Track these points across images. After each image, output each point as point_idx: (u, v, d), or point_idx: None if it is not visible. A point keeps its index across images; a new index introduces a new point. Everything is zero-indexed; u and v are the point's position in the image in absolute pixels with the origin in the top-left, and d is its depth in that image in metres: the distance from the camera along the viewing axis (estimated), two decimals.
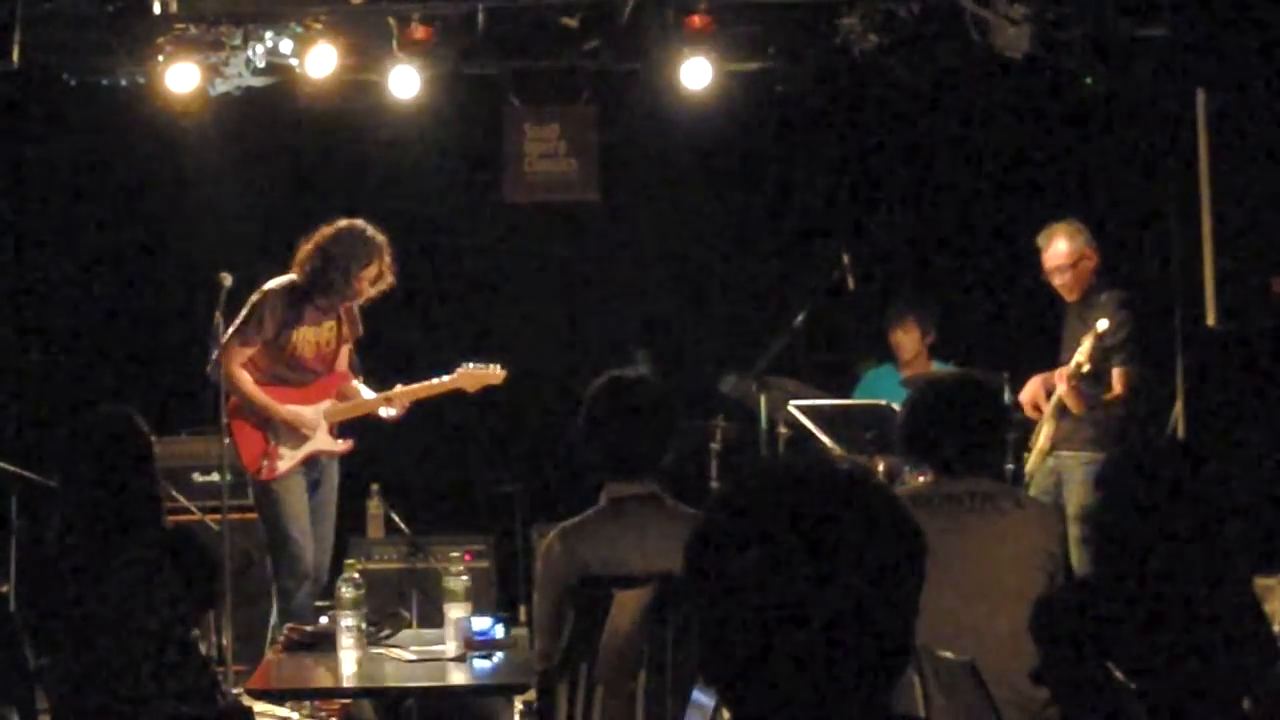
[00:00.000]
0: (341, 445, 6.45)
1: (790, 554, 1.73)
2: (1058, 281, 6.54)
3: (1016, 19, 6.75)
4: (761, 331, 7.71)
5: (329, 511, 6.45)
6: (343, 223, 6.27)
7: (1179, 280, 6.63)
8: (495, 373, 6.52)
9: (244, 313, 6.22)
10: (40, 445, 7.05)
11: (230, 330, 6.21)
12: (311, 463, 6.38)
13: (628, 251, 8.56)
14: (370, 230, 6.28)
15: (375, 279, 6.32)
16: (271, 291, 6.25)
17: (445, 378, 6.48)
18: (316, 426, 6.36)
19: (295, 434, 6.31)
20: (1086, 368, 6.22)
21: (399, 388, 6.45)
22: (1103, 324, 6.20)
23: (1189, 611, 3.27)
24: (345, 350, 6.51)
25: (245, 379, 6.25)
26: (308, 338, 6.33)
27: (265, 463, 6.27)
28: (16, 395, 8.06)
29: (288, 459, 6.30)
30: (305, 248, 6.26)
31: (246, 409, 6.30)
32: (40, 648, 4.28)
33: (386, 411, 6.45)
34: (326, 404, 6.41)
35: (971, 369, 6.83)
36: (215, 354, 6.24)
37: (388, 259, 6.32)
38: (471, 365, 6.51)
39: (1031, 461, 6.49)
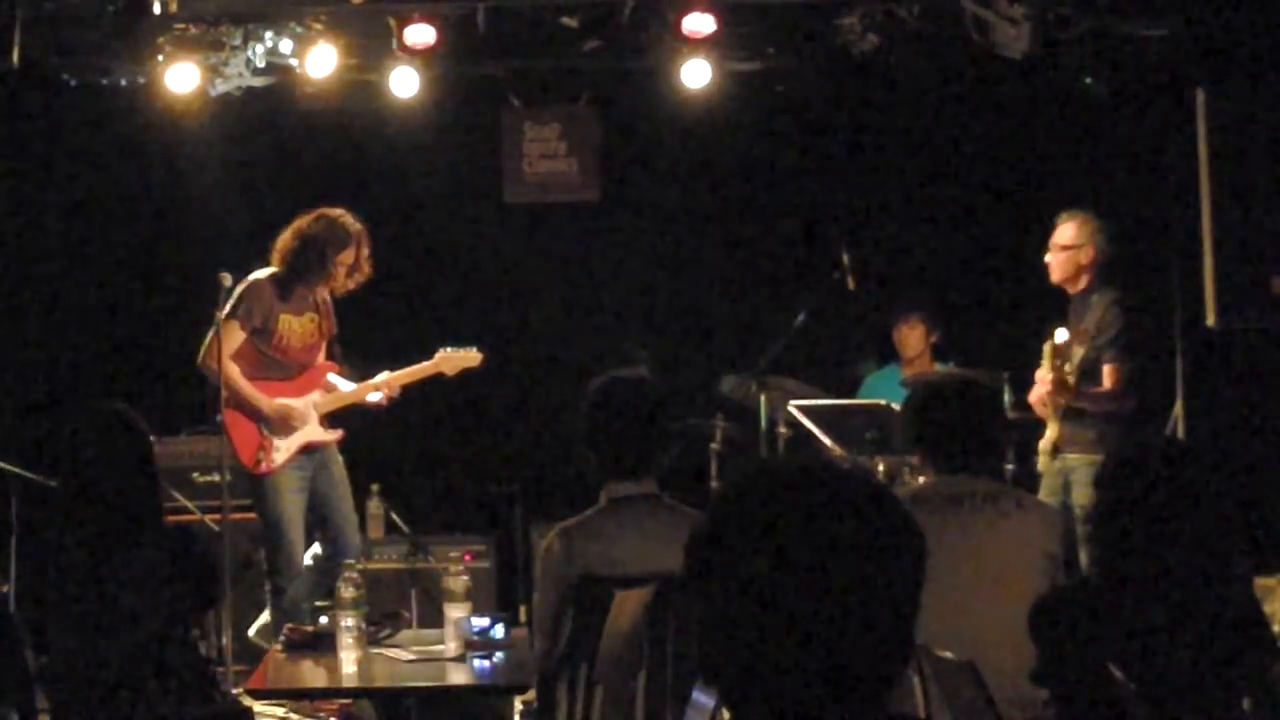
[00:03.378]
0: (333, 434, 6.53)
1: (790, 554, 1.73)
2: (1047, 258, 6.55)
3: (1016, 19, 6.75)
4: (761, 331, 7.71)
5: (344, 492, 6.51)
6: (320, 210, 6.41)
7: (1179, 280, 6.63)
8: (472, 355, 6.67)
9: (230, 303, 6.30)
10: (40, 445, 7.05)
11: (218, 321, 6.29)
12: (305, 458, 6.43)
13: (628, 251, 8.56)
14: (347, 217, 6.40)
15: (352, 267, 6.42)
16: (255, 280, 6.36)
17: (426, 362, 6.62)
18: (307, 418, 6.42)
19: (287, 425, 6.37)
20: (1050, 376, 6.24)
21: (385, 374, 6.57)
22: (1060, 335, 6.22)
23: (1189, 611, 3.27)
24: (324, 345, 6.61)
25: (234, 371, 6.32)
26: (293, 326, 6.43)
27: (261, 455, 6.34)
28: (16, 395, 8.05)
29: (283, 450, 6.38)
30: (283, 235, 6.39)
31: (236, 401, 6.35)
32: (40, 648, 4.28)
33: (373, 397, 6.54)
34: (315, 395, 6.52)
35: (972, 369, 6.84)
36: (205, 345, 6.32)
37: (365, 249, 6.43)
38: (450, 349, 6.64)
39: (1041, 461, 6.50)
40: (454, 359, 6.64)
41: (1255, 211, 6.20)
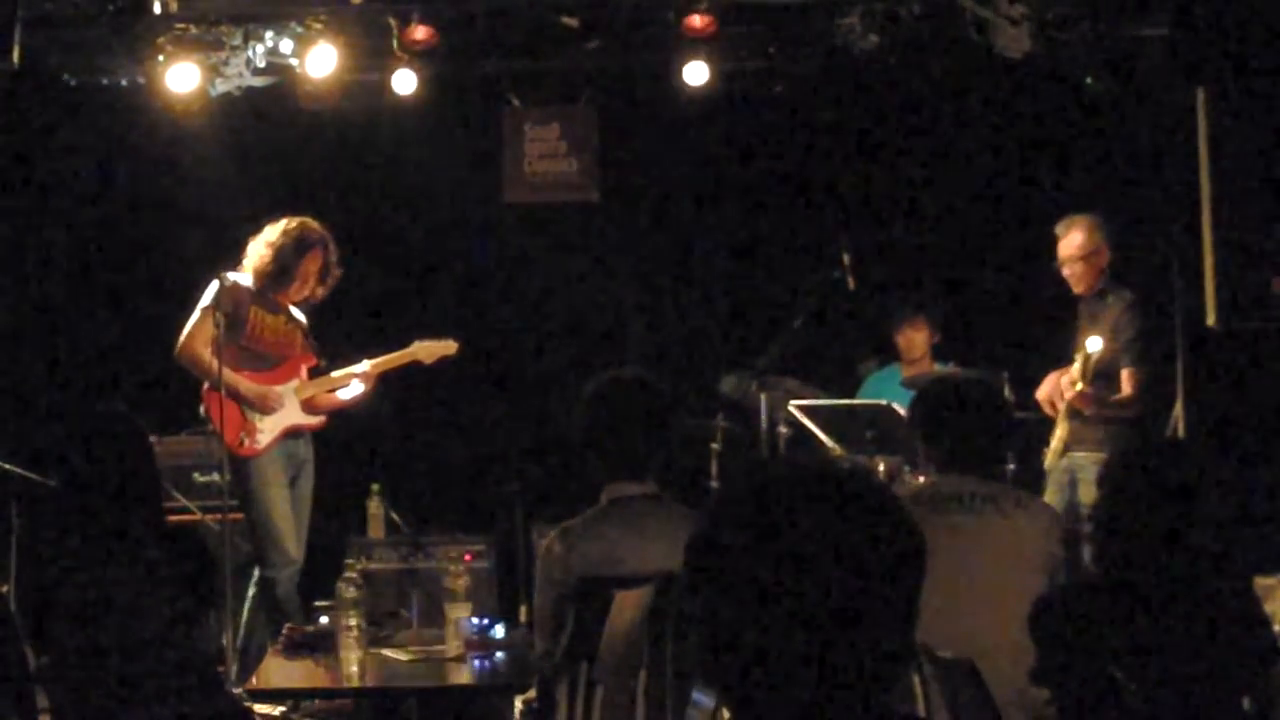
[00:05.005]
0: (315, 420, 6.62)
1: (790, 554, 1.73)
2: (1067, 272, 6.55)
3: (1016, 19, 6.75)
4: (761, 331, 7.71)
5: (305, 509, 6.57)
6: (285, 219, 6.53)
7: (1179, 280, 6.63)
8: (448, 344, 6.77)
9: (205, 295, 6.40)
10: (40, 445, 7.04)
11: (193, 315, 6.40)
12: (291, 452, 6.49)
13: (628, 251, 8.56)
14: (313, 224, 6.53)
15: (322, 272, 6.54)
16: (229, 279, 6.44)
17: (402, 350, 6.71)
18: (285, 400, 6.52)
19: (265, 405, 6.45)
20: (1080, 385, 6.24)
21: (366, 362, 6.63)
22: (1094, 344, 6.21)
23: (1189, 611, 3.27)
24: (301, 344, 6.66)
25: (207, 356, 6.37)
26: (265, 320, 6.55)
27: (245, 436, 6.40)
28: (16, 395, 8.05)
29: (267, 433, 6.46)
30: (252, 245, 6.52)
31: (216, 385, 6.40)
32: (40, 648, 4.28)
33: (350, 393, 6.58)
34: (294, 383, 6.58)
35: (972, 369, 6.83)
36: (183, 336, 6.40)
37: (332, 254, 6.56)
38: (426, 340, 6.74)
39: (1048, 460, 6.50)
40: (430, 348, 6.73)
41: (1255, 211, 6.20)
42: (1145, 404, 6.44)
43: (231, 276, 6.44)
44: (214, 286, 6.38)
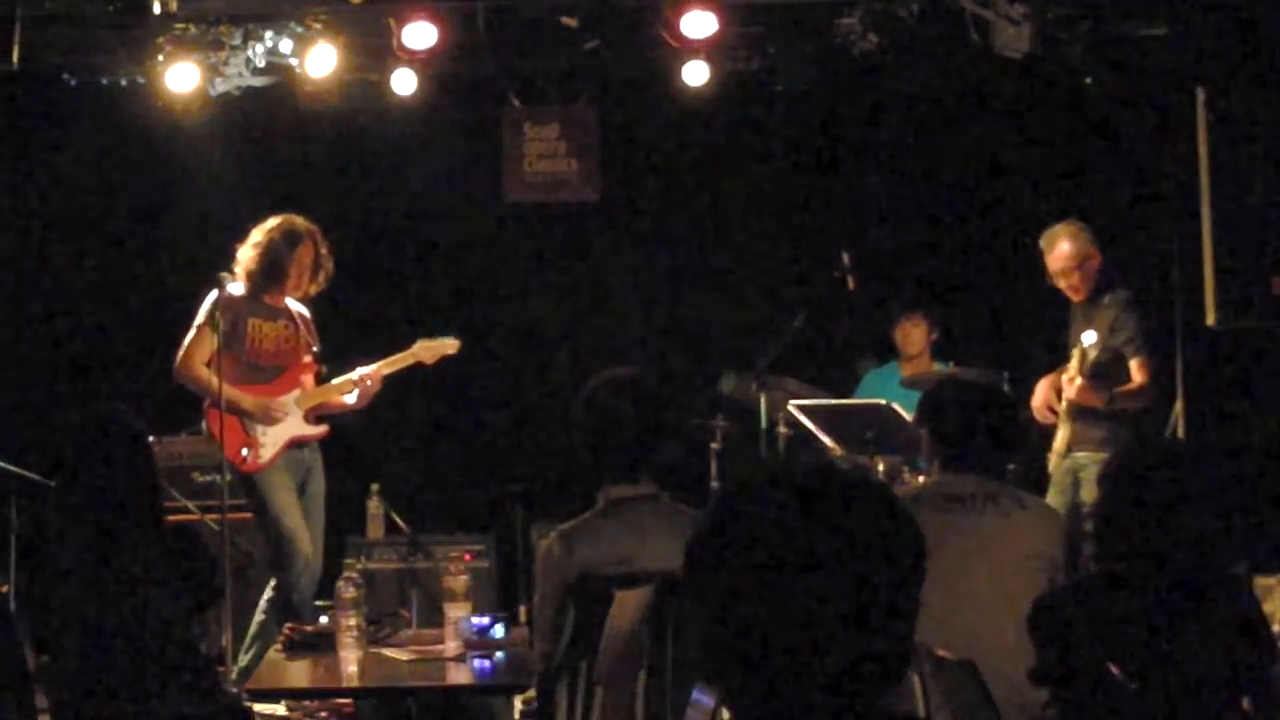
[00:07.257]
0: (318, 430, 6.60)
1: (790, 554, 1.73)
2: (1064, 284, 6.54)
3: (1016, 19, 6.75)
4: (761, 331, 7.71)
5: (319, 512, 6.56)
6: (271, 218, 6.52)
7: (1179, 280, 6.63)
8: (450, 343, 6.73)
9: (201, 310, 6.40)
10: (40, 445, 7.04)
11: (190, 332, 6.40)
12: (296, 459, 6.48)
13: (627, 251, 8.56)
14: (297, 219, 6.52)
15: (314, 267, 6.53)
16: (221, 290, 6.41)
17: (404, 352, 6.67)
18: (288, 412, 6.49)
19: (269, 416, 6.44)
20: (1079, 381, 6.24)
21: (368, 367, 6.59)
22: (1089, 338, 6.22)
23: (1189, 611, 3.28)
24: (302, 351, 6.63)
25: (206, 374, 6.36)
26: (264, 330, 6.52)
27: (248, 452, 6.40)
28: (16, 395, 8.05)
29: (270, 447, 6.44)
30: (242, 249, 6.50)
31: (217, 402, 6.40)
32: (40, 648, 4.28)
33: (352, 397, 6.56)
34: (296, 394, 6.57)
35: (972, 369, 6.83)
36: (180, 354, 6.39)
37: (322, 247, 6.55)
38: (427, 339, 6.70)
39: (1051, 461, 6.50)
40: (432, 347, 6.69)
41: (1255, 212, 6.20)
42: (1154, 392, 6.44)
43: (227, 289, 6.40)
44: (209, 300, 6.37)
